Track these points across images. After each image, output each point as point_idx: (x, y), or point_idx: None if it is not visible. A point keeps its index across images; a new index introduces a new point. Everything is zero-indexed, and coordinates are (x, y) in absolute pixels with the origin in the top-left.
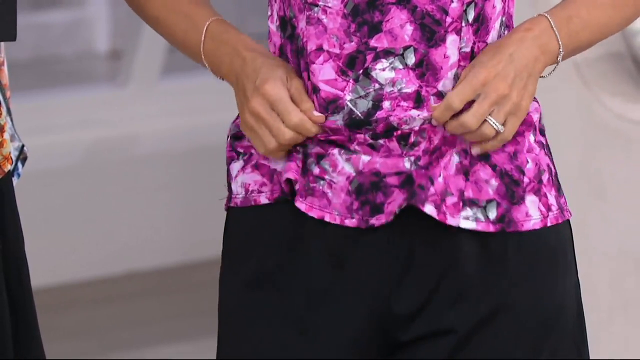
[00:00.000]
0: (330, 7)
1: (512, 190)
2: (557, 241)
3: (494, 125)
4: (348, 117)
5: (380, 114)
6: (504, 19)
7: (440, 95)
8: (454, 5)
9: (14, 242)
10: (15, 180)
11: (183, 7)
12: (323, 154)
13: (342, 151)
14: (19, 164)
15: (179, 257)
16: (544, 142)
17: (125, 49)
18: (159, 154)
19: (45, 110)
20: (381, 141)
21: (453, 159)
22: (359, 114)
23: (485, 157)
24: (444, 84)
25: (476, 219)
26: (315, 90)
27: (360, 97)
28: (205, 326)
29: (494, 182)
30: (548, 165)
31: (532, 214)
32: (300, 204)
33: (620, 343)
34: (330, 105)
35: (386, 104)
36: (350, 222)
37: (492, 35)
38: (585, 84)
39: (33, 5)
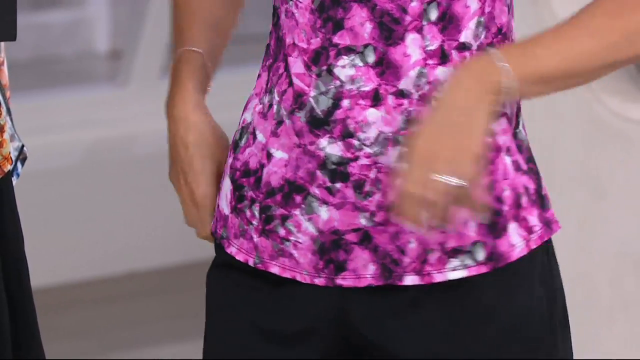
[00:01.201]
0: (300, 2)
1: (495, 224)
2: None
3: (444, 180)
4: (309, 115)
5: (339, 114)
6: (482, 19)
7: (399, 94)
8: (414, 4)
9: (13, 242)
10: (14, 180)
11: (190, 15)
12: (287, 215)
13: (304, 210)
14: (19, 164)
15: (179, 257)
16: (522, 159)
17: (125, 49)
18: (159, 154)
19: (45, 110)
20: (338, 185)
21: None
22: (319, 112)
23: (457, 200)
24: (405, 83)
25: (465, 266)
26: (291, 82)
27: (322, 93)
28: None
29: (471, 223)
30: (525, 186)
31: (515, 242)
32: (273, 267)
33: (621, 343)
34: (298, 100)
35: (345, 103)
36: (319, 281)
37: (466, 34)
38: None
39: (33, 5)
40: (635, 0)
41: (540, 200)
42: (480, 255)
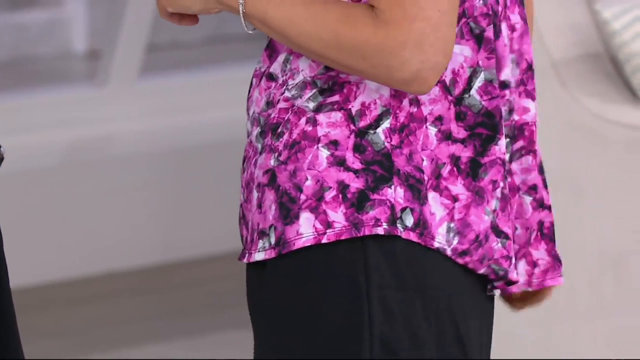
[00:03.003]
0: None
1: (287, 209)
2: (327, 259)
3: None
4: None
5: (251, 92)
6: None
7: (269, 77)
8: None
9: None
10: None
11: None
12: None
13: None
14: None
15: (158, 257)
16: (346, 157)
17: (104, 48)
18: (138, 154)
19: (23, 111)
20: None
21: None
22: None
23: (271, 181)
24: (274, 67)
25: (264, 249)
26: None
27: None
28: (186, 326)
29: (273, 207)
30: (339, 182)
31: (303, 231)
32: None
33: (600, 343)
34: None
35: (253, 81)
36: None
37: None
38: (563, 85)
39: (10, 6)
40: (363, 21)
41: (356, 200)
42: (272, 239)
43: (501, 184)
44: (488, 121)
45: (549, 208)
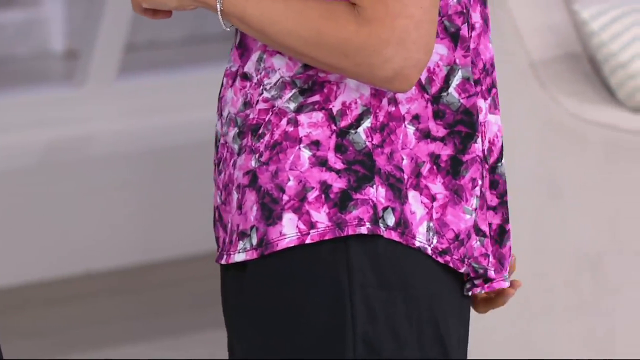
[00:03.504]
0: None
1: (269, 210)
2: (315, 259)
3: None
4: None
5: (222, 92)
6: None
7: (244, 76)
8: None
9: None
10: None
11: None
12: None
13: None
14: None
15: (137, 257)
16: (328, 157)
17: (82, 48)
18: (116, 154)
19: (1, 111)
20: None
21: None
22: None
23: (252, 182)
24: (248, 66)
25: (245, 250)
26: None
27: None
28: (164, 326)
29: (255, 208)
30: (321, 182)
31: (286, 232)
32: None
33: (577, 343)
34: None
35: (224, 81)
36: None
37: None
38: (541, 85)
39: None
40: (345, 18)
41: (338, 200)
42: (254, 240)
43: (479, 182)
44: (467, 119)
45: (494, 209)
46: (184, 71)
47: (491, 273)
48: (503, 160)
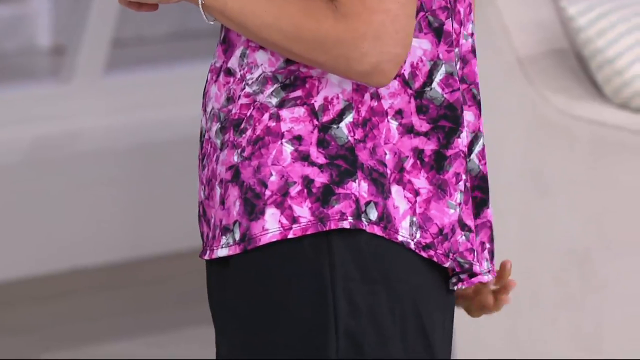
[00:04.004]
0: None
1: (252, 205)
2: (298, 253)
3: None
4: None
5: (206, 88)
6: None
7: (228, 72)
8: None
9: None
10: None
11: None
12: None
13: None
14: None
15: (125, 253)
16: (310, 152)
17: (69, 44)
18: (104, 150)
19: None
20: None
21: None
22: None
23: (235, 177)
24: (232, 61)
25: (228, 245)
26: None
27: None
28: (151, 323)
29: (237, 203)
30: (303, 177)
31: (268, 227)
32: None
33: (565, 341)
34: None
35: (208, 77)
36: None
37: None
38: (528, 81)
39: None
40: (323, 13)
41: (321, 195)
42: (237, 235)
43: (463, 177)
44: (450, 114)
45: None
46: (171, 67)
47: (476, 268)
48: (472, 156)
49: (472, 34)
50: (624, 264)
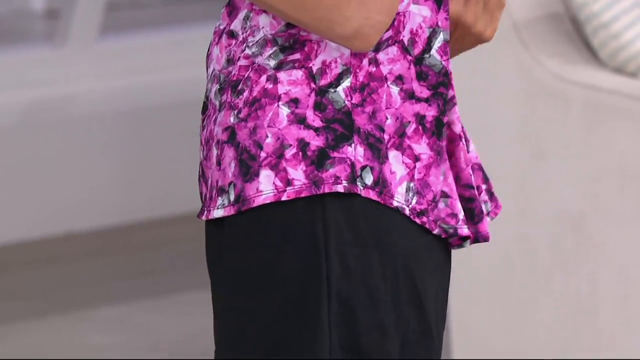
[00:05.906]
0: None
1: (247, 166)
2: (292, 216)
3: None
4: None
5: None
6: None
7: (230, 34)
8: None
9: None
10: None
11: None
12: None
13: None
14: None
15: (119, 218)
16: (307, 115)
17: (62, 7)
18: (97, 114)
19: None
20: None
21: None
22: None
23: (231, 138)
24: (235, 24)
25: (223, 206)
26: None
27: None
28: (145, 287)
29: (233, 164)
30: (299, 139)
31: (263, 189)
32: None
33: (559, 304)
34: None
35: (211, 38)
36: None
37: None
38: (524, 46)
39: None
40: None
41: (316, 158)
42: (232, 196)
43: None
44: (447, 81)
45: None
46: (166, 31)
47: (462, 231)
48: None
49: None
50: (619, 227)
